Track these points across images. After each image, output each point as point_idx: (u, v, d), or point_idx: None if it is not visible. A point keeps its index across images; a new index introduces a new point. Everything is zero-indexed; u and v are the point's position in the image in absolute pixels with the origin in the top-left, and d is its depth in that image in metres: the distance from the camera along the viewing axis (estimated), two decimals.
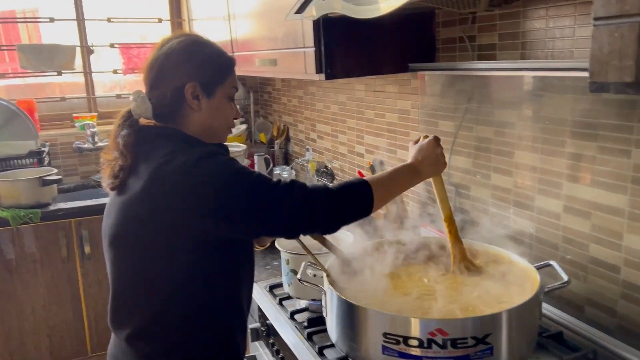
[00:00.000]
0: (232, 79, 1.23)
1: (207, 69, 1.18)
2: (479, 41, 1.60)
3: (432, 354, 1.06)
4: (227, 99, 1.22)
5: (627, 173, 1.19)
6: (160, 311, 1.12)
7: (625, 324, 1.24)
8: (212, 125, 1.20)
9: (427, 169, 1.28)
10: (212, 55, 1.21)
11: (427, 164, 1.28)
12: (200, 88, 1.17)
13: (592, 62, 0.76)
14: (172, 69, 1.17)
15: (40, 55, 3.01)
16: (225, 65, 1.22)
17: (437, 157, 1.30)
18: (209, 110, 1.19)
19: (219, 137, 1.24)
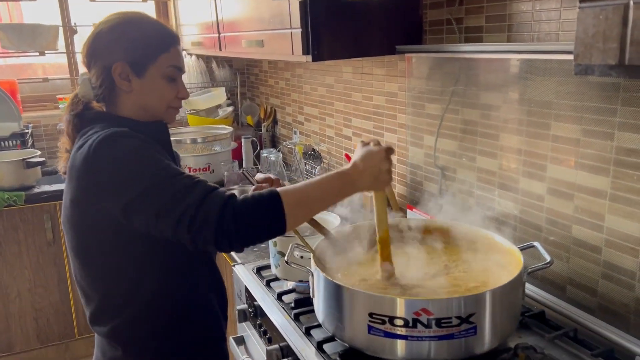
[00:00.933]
0: (169, 57, 1.16)
1: (136, 48, 1.13)
2: (466, 23, 1.60)
3: (417, 334, 1.08)
4: (165, 79, 1.16)
5: (609, 155, 1.20)
6: (104, 295, 1.15)
7: (605, 303, 1.27)
8: (147, 106, 1.17)
9: (365, 182, 1.10)
10: (144, 33, 1.15)
11: (367, 176, 1.10)
12: (130, 68, 1.13)
13: (577, 44, 0.77)
14: (101, 50, 1.14)
15: (21, 35, 2.95)
16: (159, 43, 1.15)
17: (380, 173, 1.11)
18: (141, 90, 1.15)
19: (159, 118, 1.21)
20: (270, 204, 0.99)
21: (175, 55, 1.18)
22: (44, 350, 2.81)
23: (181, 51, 1.21)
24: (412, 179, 1.93)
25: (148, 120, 1.18)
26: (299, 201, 1.02)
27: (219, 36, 2.42)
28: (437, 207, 1.76)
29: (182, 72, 1.20)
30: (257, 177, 1.30)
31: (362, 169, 1.09)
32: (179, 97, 1.20)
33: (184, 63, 1.22)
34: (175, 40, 1.19)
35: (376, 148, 1.12)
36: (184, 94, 1.21)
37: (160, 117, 1.20)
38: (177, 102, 1.20)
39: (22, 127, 2.91)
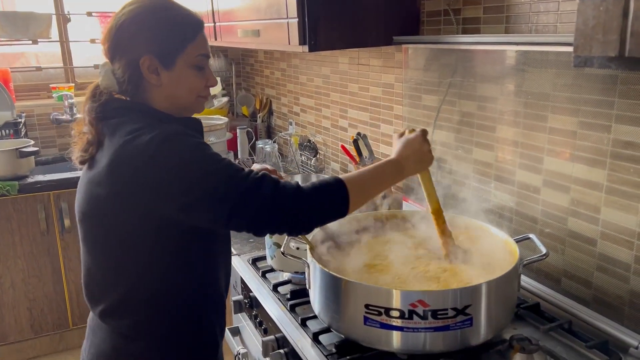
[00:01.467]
0: (196, 46, 1.11)
1: (162, 39, 1.08)
2: (463, 14, 1.59)
3: (412, 325, 1.08)
4: (193, 68, 1.12)
5: (606, 148, 1.20)
6: (128, 290, 1.11)
7: (600, 295, 1.27)
8: (175, 97, 1.12)
9: (411, 166, 1.19)
10: (169, 22, 1.10)
11: (413, 161, 1.19)
12: (158, 61, 1.08)
13: (577, 36, 0.76)
14: (126, 41, 1.09)
15: (15, 23, 2.92)
16: (185, 31, 1.10)
17: (424, 154, 1.20)
18: (170, 83, 1.10)
19: (190, 109, 1.17)
20: (338, 192, 1.07)
21: (202, 42, 1.13)
22: (38, 341, 2.81)
23: (206, 36, 1.16)
24: None
25: (178, 113, 1.14)
26: (360, 188, 1.10)
27: (214, 25, 2.40)
28: None
29: (208, 58, 1.16)
30: (253, 167, 1.29)
31: (407, 155, 1.18)
32: (208, 86, 1.16)
33: (208, 47, 1.16)
34: (201, 26, 1.13)
35: (413, 134, 1.21)
36: (213, 82, 1.17)
37: (189, 107, 1.16)
38: (206, 91, 1.16)
39: (15, 116, 2.89)
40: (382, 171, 1.15)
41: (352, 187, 1.08)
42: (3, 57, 3.16)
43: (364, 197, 1.13)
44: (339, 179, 1.08)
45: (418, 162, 1.20)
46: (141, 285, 1.11)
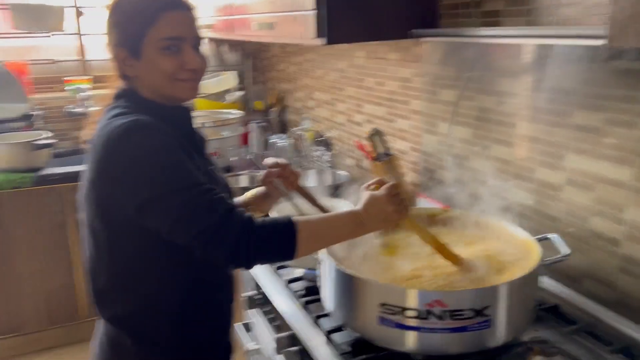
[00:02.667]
0: (158, 29, 1.05)
1: (124, 29, 1.07)
2: (483, 7, 1.54)
3: (429, 325, 1.05)
4: (161, 52, 1.06)
5: (633, 145, 1.16)
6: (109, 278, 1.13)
7: (624, 298, 1.23)
8: (154, 86, 1.10)
9: (374, 224, 1.10)
10: (129, 9, 1.07)
11: (376, 219, 1.09)
12: (127, 52, 1.07)
13: (612, 26, 0.73)
14: (106, 37, 1.11)
15: (27, 14, 2.92)
16: (144, 16, 1.05)
17: (388, 214, 1.09)
18: (144, 72, 1.08)
19: (174, 97, 1.11)
20: (286, 236, 1.02)
21: (168, 24, 1.05)
22: (53, 331, 2.82)
23: (181, 15, 1.08)
24: (424, 166, 1.89)
25: (167, 101, 1.12)
26: (312, 236, 1.05)
27: (230, 18, 2.38)
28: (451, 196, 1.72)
29: (184, 41, 1.08)
30: (266, 161, 1.27)
31: (370, 213, 1.09)
32: (187, 68, 1.08)
33: (186, 27, 1.08)
34: (163, 6, 1.05)
35: (378, 193, 1.10)
36: (193, 64, 1.08)
37: (170, 93, 1.10)
38: (185, 74, 1.09)
39: (30, 109, 2.90)
40: (342, 224, 1.08)
41: (304, 234, 1.03)
42: (16, 50, 3.16)
43: (316, 245, 1.11)
44: (291, 223, 1.03)
45: (381, 221, 1.10)
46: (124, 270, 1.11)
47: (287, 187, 1.25)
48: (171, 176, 1.00)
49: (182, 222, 0.99)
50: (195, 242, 1.00)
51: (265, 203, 1.34)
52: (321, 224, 1.08)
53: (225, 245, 0.99)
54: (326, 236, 1.09)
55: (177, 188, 0.99)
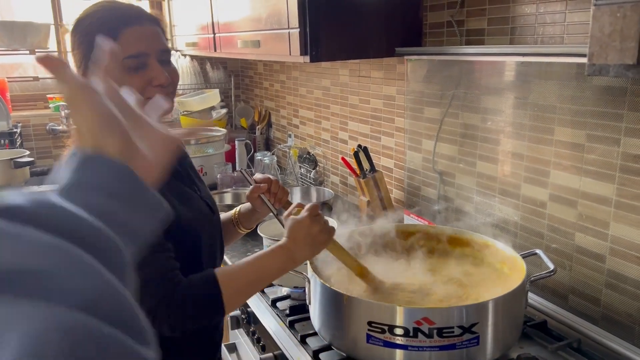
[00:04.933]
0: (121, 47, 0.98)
1: (87, 51, 1.02)
2: (467, 26, 1.57)
3: (417, 343, 1.04)
4: (124, 72, 1.00)
5: (615, 161, 1.17)
6: None
7: (609, 313, 1.23)
8: None
9: (304, 252, 1.08)
10: (90, 30, 1.02)
11: (303, 246, 1.07)
12: None
13: (592, 43, 0.74)
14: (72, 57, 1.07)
15: (12, 32, 2.90)
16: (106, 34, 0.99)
17: (314, 237, 1.08)
18: None
19: None
20: (210, 299, 1.00)
21: (129, 41, 1.00)
22: None
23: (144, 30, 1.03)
24: (409, 183, 1.89)
25: None
26: (238, 289, 1.03)
27: (214, 37, 2.38)
28: (435, 213, 1.73)
29: (147, 57, 1.02)
30: (255, 176, 1.26)
31: (297, 241, 1.07)
32: (154, 85, 1.02)
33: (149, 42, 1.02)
34: (123, 22, 1.00)
35: (300, 216, 1.09)
36: (160, 80, 1.02)
37: None
38: (152, 91, 1.02)
39: (10, 126, 2.85)
40: (270, 263, 1.06)
41: (229, 290, 1.00)
42: (0, 67, 3.13)
43: (243, 297, 1.09)
44: (211, 280, 1.00)
45: (310, 247, 1.08)
46: None
47: (274, 204, 1.24)
48: None
49: None
50: None
51: (252, 219, 1.33)
52: (246, 271, 1.05)
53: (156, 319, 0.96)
54: (254, 283, 1.06)
55: None
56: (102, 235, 0.38)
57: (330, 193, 2.17)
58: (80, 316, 0.31)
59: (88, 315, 0.32)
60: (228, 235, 1.33)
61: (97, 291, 0.34)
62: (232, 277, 1.03)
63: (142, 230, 0.44)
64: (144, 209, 0.45)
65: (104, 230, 0.39)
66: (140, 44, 1.02)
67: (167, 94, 1.07)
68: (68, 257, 0.34)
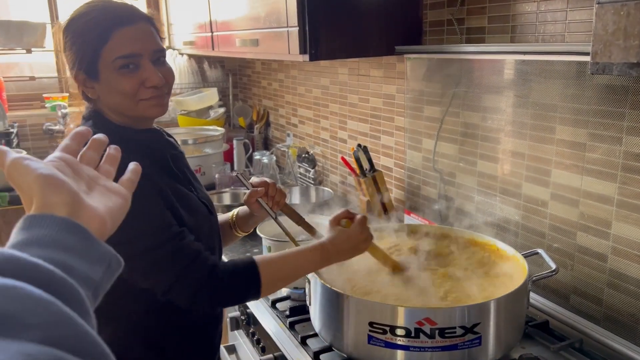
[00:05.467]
0: (111, 48, 0.99)
1: (79, 50, 1.01)
2: (467, 24, 1.56)
3: (419, 344, 1.03)
4: (117, 72, 1.01)
5: (617, 160, 1.17)
6: None
7: (611, 313, 1.23)
8: (116, 107, 1.05)
9: (340, 257, 1.13)
10: (82, 30, 1.01)
11: (343, 253, 1.12)
12: (84, 74, 1.03)
13: (595, 42, 0.73)
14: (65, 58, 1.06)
15: (8, 31, 2.88)
16: (96, 35, 1.00)
17: (356, 247, 1.13)
18: (104, 93, 1.04)
19: (139, 118, 1.07)
20: (249, 280, 1.04)
21: (121, 42, 1.00)
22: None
23: (135, 30, 1.02)
24: (409, 183, 1.89)
25: (134, 123, 1.08)
26: (275, 276, 1.07)
27: (212, 35, 2.37)
28: (436, 212, 1.72)
29: (139, 58, 1.02)
30: (252, 180, 1.25)
31: (337, 248, 1.11)
32: (148, 86, 1.03)
33: (142, 42, 1.02)
34: (116, 23, 1.00)
35: (351, 230, 1.13)
36: (152, 81, 1.02)
37: (136, 114, 1.05)
38: (146, 92, 1.03)
39: (7, 126, 2.84)
40: (307, 260, 1.09)
41: (267, 276, 1.05)
42: None
43: (279, 284, 1.13)
44: (254, 267, 1.04)
45: (349, 253, 1.13)
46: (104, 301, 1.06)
47: (272, 207, 1.22)
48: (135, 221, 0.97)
49: (143, 269, 1.00)
50: (156, 289, 1.01)
51: (249, 223, 1.32)
52: (284, 262, 1.09)
53: (185, 293, 1.01)
54: (290, 274, 1.10)
55: (140, 235, 0.97)
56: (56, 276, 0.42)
57: (330, 193, 2.16)
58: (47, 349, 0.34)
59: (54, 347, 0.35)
60: (225, 238, 1.32)
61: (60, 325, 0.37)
62: (271, 266, 1.07)
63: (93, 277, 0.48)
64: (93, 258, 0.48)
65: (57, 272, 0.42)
66: (132, 45, 1.01)
67: (161, 95, 1.07)
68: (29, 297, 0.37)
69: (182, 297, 1.01)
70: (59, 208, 0.49)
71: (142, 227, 0.97)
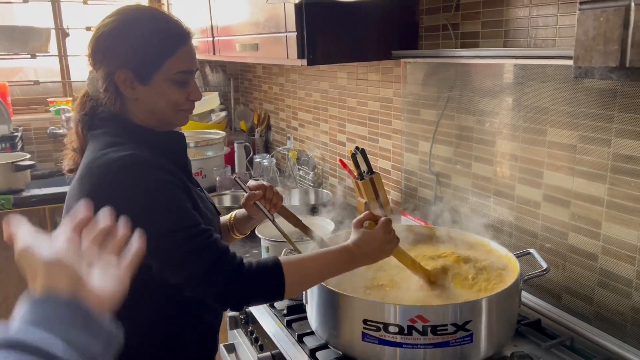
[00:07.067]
0: (176, 61, 1.07)
1: (138, 54, 1.05)
2: (462, 29, 1.59)
3: (412, 341, 1.06)
4: (172, 84, 1.08)
5: (606, 162, 1.19)
6: None
7: (602, 312, 1.25)
8: (154, 111, 1.10)
9: (365, 261, 1.12)
10: (145, 36, 1.06)
11: (368, 257, 1.11)
12: (133, 75, 1.06)
13: (577, 47, 0.76)
14: (102, 54, 1.07)
15: (13, 37, 2.92)
16: (163, 47, 1.06)
17: (381, 250, 1.12)
18: (147, 97, 1.08)
19: (171, 123, 1.13)
20: (274, 279, 1.04)
21: (183, 57, 1.08)
22: None
23: (192, 48, 1.12)
24: (406, 185, 1.91)
25: (159, 126, 1.12)
26: (300, 277, 1.07)
27: (213, 40, 2.40)
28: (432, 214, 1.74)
29: (193, 74, 1.12)
30: (249, 183, 1.27)
31: (362, 251, 1.10)
32: (191, 100, 1.12)
33: (195, 60, 1.12)
34: (182, 40, 1.09)
35: (375, 232, 1.11)
36: (195, 96, 1.13)
37: (170, 121, 1.13)
38: (188, 105, 1.13)
39: (11, 130, 2.88)
40: (332, 262, 1.09)
41: (291, 277, 1.05)
42: (1, 71, 3.16)
43: (304, 286, 1.15)
44: (279, 268, 1.04)
45: (374, 257, 1.12)
46: None
47: (269, 209, 1.25)
48: (165, 217, 1.00)
49: (174, 264, 1.01)
50: (186, 285, 1.02)
51: (247, 225, 1.34)
52: (309, 264, 1.08)
53: (214, 290, 1.02)
54: (314, 277, 1.10)
55: (171, 230, 1.00)
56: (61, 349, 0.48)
57: (329, 195, 2.19)
58: None
59: None
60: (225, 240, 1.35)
61: None
62: (295, 267, 1.07)
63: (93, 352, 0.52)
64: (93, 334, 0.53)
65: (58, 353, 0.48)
66: (191, 62, 1.11)
67: (192, 109, 1.16)
68: None
69: (211, 292, 1.02)
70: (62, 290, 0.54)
71: (175, 221, 1.00)
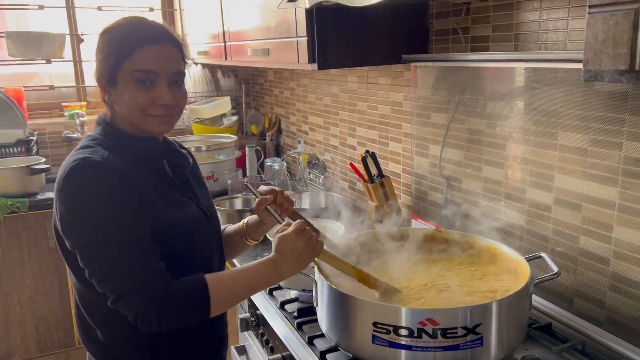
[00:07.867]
0: (133, 62, 1.06)
1: (107, 57, 1.09)
2: (472, 33, 1.59)
3: (422, 344, 1.06)
4: (132, 84, 1.07)
5: (618, 165, 1.19)
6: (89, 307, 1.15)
7: (614, 316, 1.24)
8: (124, 116, 1.11)
9: (289, 267, 1.11)
10: (110, 40, 1.09)
11: (289, 261, 1.10)
12: (105, 78, 1.09)
13: (587, 50, 0.76)
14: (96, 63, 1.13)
15: (28, 42, 2.97)
16: (122, 48, 1.07)
17: (300, 252, 1.10)
18: (116, 100, 1.10)
19: (144, 129, 1.12)
20: (199, 302, 1.05)
21: (141, 58, 1.07)
22: (44, 359, 2.79)
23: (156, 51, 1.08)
24: (417, 188, 1.91)
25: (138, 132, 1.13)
26: (225, 296, 1.09)
27: (225, 45, 2.43)
28: (442, 217, 1.74)
29: (154, 75, 1.08)
30: (261, 189, 1.28)
31: (283, 256, 1.11)
32: (158, 104, 1.09)
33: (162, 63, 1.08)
34: (141, 42, 1.07)
35: (286, 232, 1.12)
36: (164, 100, 1.08)
37: (141, 126, 1.11)
38: (155, 110, 1.09)
39: (27, 134, 2.92)
40: (257, 275, 1.10)
41: (217, 296, 1.06)
42: (17, 76, 3.21)
43: (230, 302, 1.14)
44: (202, 285, 1.05)
45: (295, 259, 1.11)
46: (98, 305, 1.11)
47: (280, 214, 1.26)
48: (98, 228, 1.02)
49: (98, 277, 1.03)
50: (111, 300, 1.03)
51: (259, 231, 1.35)
52: (234, 280, 1.10)
53: (133, 311, 1.02)
54: (241, 292, 1.12)
55: (100, 241, 1.02)
56: None
57: (339, 198, 2.20)
58: None
59: None
60: (238, 247, 1.37)
61: None
62: (221, 284, 1.08)
63: None
64: None
65: None
66: (152, 63, 1.08)
67: (170, 115, 1.12)
68: None
69: (131, 310, 1.02)
70: None
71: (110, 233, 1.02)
